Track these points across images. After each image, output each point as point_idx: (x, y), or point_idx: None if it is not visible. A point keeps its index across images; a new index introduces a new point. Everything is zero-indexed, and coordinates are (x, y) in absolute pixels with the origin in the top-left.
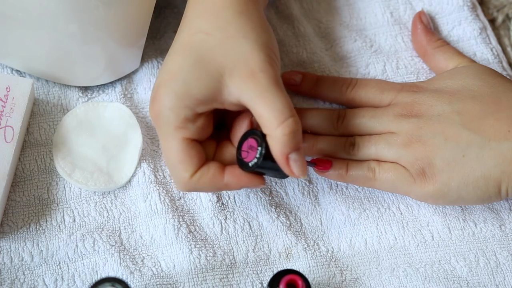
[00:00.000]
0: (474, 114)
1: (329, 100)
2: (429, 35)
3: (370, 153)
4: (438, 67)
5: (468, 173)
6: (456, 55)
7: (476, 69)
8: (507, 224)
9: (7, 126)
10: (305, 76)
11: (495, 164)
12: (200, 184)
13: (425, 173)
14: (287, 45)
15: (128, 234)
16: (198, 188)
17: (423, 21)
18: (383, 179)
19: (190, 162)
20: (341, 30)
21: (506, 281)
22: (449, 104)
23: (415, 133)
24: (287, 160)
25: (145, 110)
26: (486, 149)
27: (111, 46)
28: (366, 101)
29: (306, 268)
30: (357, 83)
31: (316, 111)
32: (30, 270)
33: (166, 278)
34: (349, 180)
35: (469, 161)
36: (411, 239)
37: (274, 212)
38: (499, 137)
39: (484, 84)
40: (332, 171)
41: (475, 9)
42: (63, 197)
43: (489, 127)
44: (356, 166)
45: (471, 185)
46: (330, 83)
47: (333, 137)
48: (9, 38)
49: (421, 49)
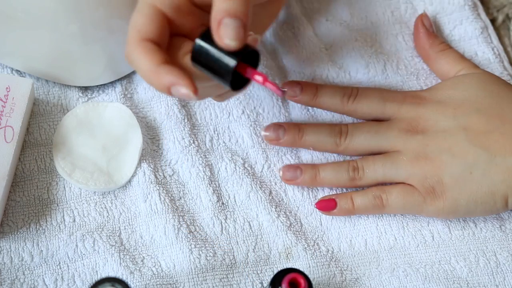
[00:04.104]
0: (479, 129)
1: (330, 110)
2: (432, 39)
3: (377, 176)
4: (441, 71)
5: (476, 190)
6: (459, 60)
7: (479, 78)
8: (507, 224)
9: (7, 126)
10: (305, 86)
11: (502, 179)
12: (139, 53)
13: (435, 191)
14: (287, 45)
15: (128, 234)
16: (135, 57)
17: (425, 25)
18: (393, 205)
19: (146, 24)
20: (341, 30)
21: (506, 281)
22: (454, 119)
23: (422, 150)
24: (219, 24)
25: (145, 110)
26: (492, 165)
27: (111, 46)
28: (368, 112)
29: (306, 268)
30: (358, 93)
31: (318, 127)
32: (30, 270)
33: (166, 278)
34: (358, 212)
35: (477, 178)
36: (411, 239)
37: (274, 212)
38: (504, 152)
39: (488, 95)
40: (339, 209)
41: (476, 8)
42: (63, 197)
43: (494, 142)
44: (361, 196)
45: (479, 201)
46: (330, 93)
47: (335, 164)
48: (9, 38)
49: (424, 53)
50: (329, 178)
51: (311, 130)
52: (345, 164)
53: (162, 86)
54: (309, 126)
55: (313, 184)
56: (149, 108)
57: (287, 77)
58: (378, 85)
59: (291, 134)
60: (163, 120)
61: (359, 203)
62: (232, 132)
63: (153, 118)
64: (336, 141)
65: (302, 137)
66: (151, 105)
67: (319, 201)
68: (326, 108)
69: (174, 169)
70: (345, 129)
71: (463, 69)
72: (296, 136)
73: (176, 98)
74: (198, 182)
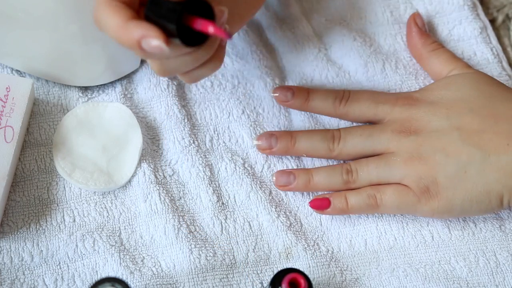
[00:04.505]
0: (472, 128)
1: (322, 114)
2: (424, 38)
3: (371, 177)
4: (434, 70)
5: (470, 189)
6: (451, 59)
7: (472, 78)
8: (507, 224)
9: (7, 126)
10: (296, 91)
11: (496, 178)
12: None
13: (429, 191)
14: (287, 45)
15: (128, 234)
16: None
17: (417, 24)
18: (387, 204)
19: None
20: (340, 29)
21: (506, 281)
22: (447, 119)
23: (416, 151)
24: None
25: (145, 110)
26: (487, 164)
27: (111, 46)
28: (360, 115)
29: (306, 268)
30: (349, 96)
31: (310, 134)
32: (30, 270)
33: (166, 278)
34: (352, 212)
35: (471, 177)
36: (411, 239)
37: (274, 212)
38: (498, 151)
39: (480, 95)
40: (332, 208)
41: (476, 8)
42: (63, 197)
43: (488, 141)
44: (355, 195)
45: (474, 200)
46: (322, 97)
47: (328, 167)
48: (9, 38)
49: (416, 52)
50: (323, 183)
51: (304, 136)
52: (339, 167)
53: (132, 41)
54: (301, 133)
55: (307, 189)
56: (149, 108)
57: (287, 77)
58: (376, 84)
59: (284, 142)
60: (163, 120)
61: (353, 202)
62: (232, 132)
63: (153, 118)
64: (329, 146)
65: (294, 145)
66: (151, 105)
67: (313, 200)
68: (319, 112)
69: (174, 169)
70: (337, 134)
71: (455, 68)
72: (289, 144)
73: (175, 98)
74: (198, 182)
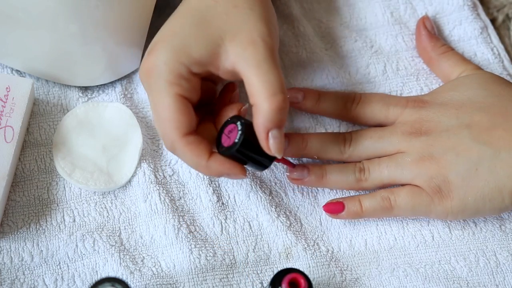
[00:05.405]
0: (482, 126)
1: (333, 117)
2: (434, 41)
3: (382, 177)
4: (443, 73)
5: (482, 186)
6: (460, 62)
7: (479, 78)
8: (507, 224)
9: (7, 126)
10: (307, 93)
11: (508, 174)
12: (186, 151)
13: (441, 191)
14: (287, 45)
15: (128, 234)
16: (181, 153)
17: (427, 27)
18: (401, 206)
19: (182, 120)
20: (341, 30)
21: (506, 281)
22: (456, 119)
23: (426, 151)
24: (267, 135)
25: (145, 110)
26: (498, 161)
27: (111, 46)
28: (371, 117)
29: (306, 268)
30: (361, 99)
31: (322, 136)
32: (30, 270)
33: (166, 278)
34: (366, 215)
35: (483, 174)
36: (411, 239)
37: (274, 212)
38: (509, 147)
39: (489, 94)
40: (347, 212)
41: (476, 8)
42: (63, 197)
43: (498, 138)
44: (369, 198)
45: (487, 198)
46: (333, 99)
47: (342, 165)
48: (9, 38)
49: (425, 55)
50: (335, 180)
51: (315, 139)
52: (352, 165)
53: (213, 175)
54: (313, 136)
55: (320, 185)
56: (149, 108)
57: (287, 77)
58: (378, 85)
59: (295, 144)
60: None
61: (367, 205)
62: None
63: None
64: (340, 148)
65: (306, 147)
66: None
67: (326, 204)
68: (329, 115)
69: (174, 169)
70: (348, 137)
71: (465, 70)
72: (300, 146)
73: None
74: (198, 182)
